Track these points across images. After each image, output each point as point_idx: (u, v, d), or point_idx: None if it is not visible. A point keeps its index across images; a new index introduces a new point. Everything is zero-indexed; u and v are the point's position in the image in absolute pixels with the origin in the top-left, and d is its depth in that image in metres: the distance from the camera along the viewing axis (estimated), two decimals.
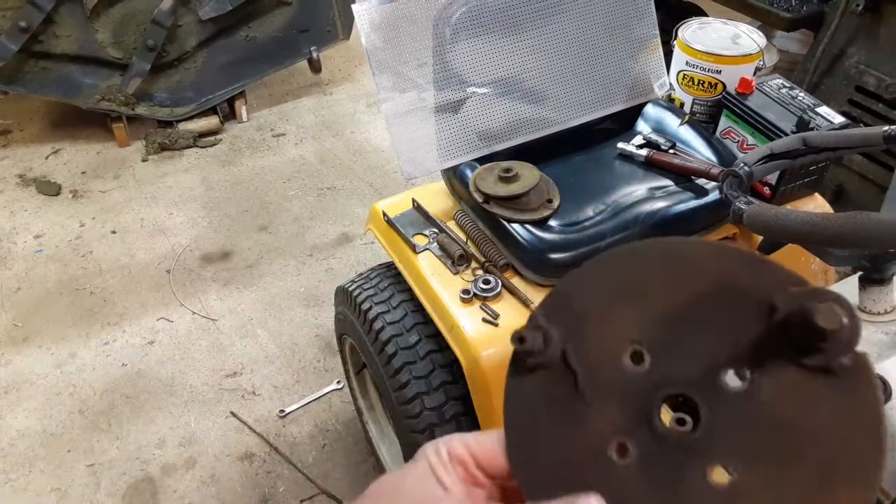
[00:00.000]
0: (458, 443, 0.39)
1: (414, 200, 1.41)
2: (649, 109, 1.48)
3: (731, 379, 0.34)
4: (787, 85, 1.37)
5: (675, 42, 1.47)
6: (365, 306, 1.39)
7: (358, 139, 3.07)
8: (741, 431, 0.33)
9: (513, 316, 1.18)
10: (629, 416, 0.35)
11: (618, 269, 0.38)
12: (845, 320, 0.31)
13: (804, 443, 0.32)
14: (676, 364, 0.35)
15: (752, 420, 0.33)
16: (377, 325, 1.35)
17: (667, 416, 0.35)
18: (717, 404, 0.34)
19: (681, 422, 0.34)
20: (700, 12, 2.30)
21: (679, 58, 1.46)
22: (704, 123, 1.46)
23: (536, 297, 1.22)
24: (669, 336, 0.36)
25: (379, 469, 1.73)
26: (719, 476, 0.32)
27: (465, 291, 1.22)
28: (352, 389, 1.77)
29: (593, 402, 0.36)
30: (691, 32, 1.46)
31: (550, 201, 1.26)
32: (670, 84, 1.48)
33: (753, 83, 1.35)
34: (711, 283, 0.35)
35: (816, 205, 1.39)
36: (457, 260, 1.27)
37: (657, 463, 0.34)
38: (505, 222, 1.24)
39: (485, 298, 1.21)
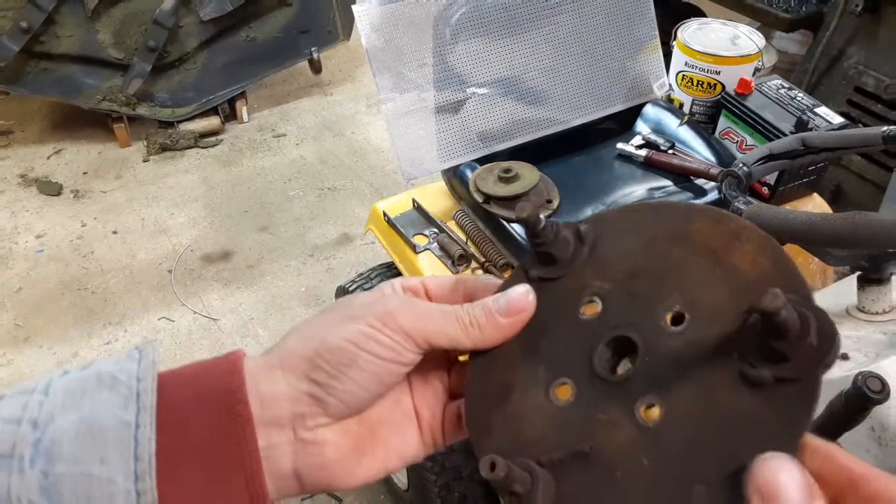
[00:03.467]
0: (412, 278, 0.42)
1: (414, 200, 1.41)
2: (648, 110, 1.48)
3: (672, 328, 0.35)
4: (786, 85, 1.38)
5: (674, 43, 1.47)
6: None
7: (358, 139, 3.07)
8: (671, 373, 0.34)
9: None
10: (574, 358, 0.37)
11: (629, 222, 0.40)
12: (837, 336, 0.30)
13: (717, 424, 0.31)
14: (626, 311, 0.37)
15: (681, 366, 0.33)
16: None
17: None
18: (655, 347, 0.35)
19: (614, 362, 0.36)
20: (699, 13, 2.30)
21: (678, 58, 1.46)
22: (703, 124, 1.46)
23: None
24: (629, 289, 0.37)
25: None
26: (648, 414, 0.33)
27: None
28: None
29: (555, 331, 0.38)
30: (690, 33, 1.46)
31: (550, 201, 1.27)
32: (669, 84, 1.49)
33: (752, 84, 1.35)
34: (700, 250, 0.36)
35: (815, 205, 1.40)
36: (457, 260, 1.27)
37: (591, 401, 0.35)
38: (505, 222, 1.25)
39: None
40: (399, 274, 1.40)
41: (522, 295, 0.39)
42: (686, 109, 1.49)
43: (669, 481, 0.31)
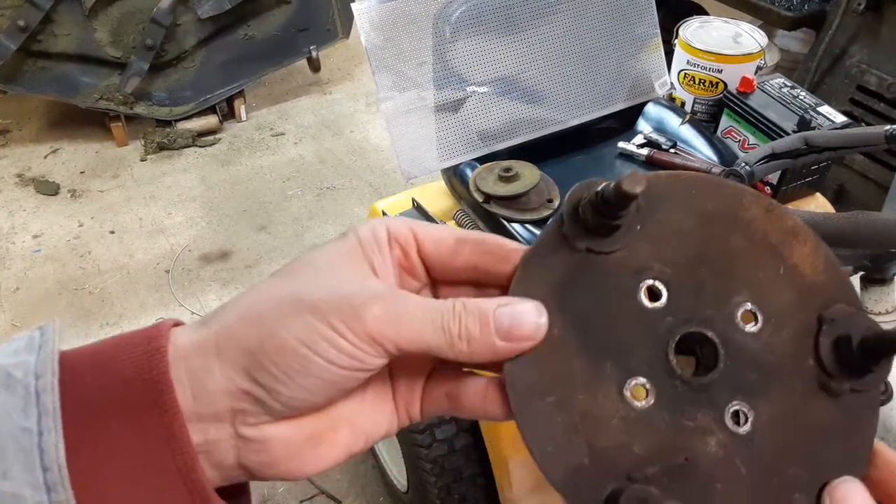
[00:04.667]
0: (401, 223, 0.34)
1: (414, 200, 1.40)
2: (650, 109, 1.47)
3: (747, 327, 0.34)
4: (789, 84, 1.37)
5: (676, 41, 1.46)
6: None
7: (357, 138, 3.06)
8: (754, 377, 0.33)
9: None
10: (645, 354, 0.33)
11: (679, 193, 0.35)
12: None
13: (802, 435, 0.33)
14: (695, 303, 0.34)
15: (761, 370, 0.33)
16: None
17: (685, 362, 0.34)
18: (733, 347, 0.33)
19: (690, 360, 0.34)
20: (701, 11, 2.29)
21: (680, 57, 1.45)
22: (705, 123, 1.45)
23: None
24: (694, 278, 0.34)
25: (379, 469, 1.73)
26: (738, 420, 0.33)
27: None
28: None
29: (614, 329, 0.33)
30: (692, 31, 1.46)
31: (551, 201, 1.26)
32: (671, 83, 1.48)
33: (755, 82, 1.35)
34: (760, 243, 0.35)
35: (818, 204, 1.39)
36: None
37: (674, 405, 0.32)
38: (505, 222, 1.24)
39: None
40: None
41: (532, 316, 0.31)
42: (688, 108, 1.48)
43: (769, 490, 0.31)
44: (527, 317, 0.31)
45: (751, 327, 0.33)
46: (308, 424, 0.32)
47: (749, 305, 0.33)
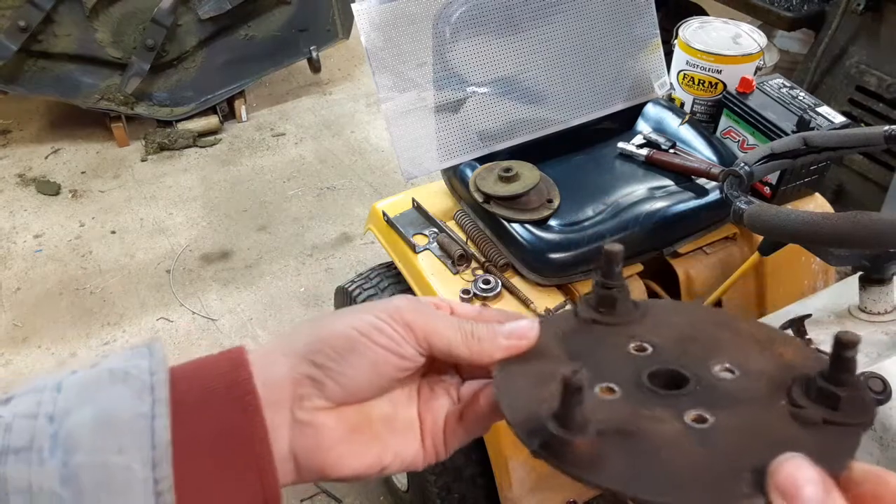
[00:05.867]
0: (441, 300, 0.43)
1: (414, 200, 1.40)
2: (649, 109, 1.48)
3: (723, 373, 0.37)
4: (788, 84, 1.37)
5: (675, 41, 1.47)
6: None
7: (357, 139, 3.06)
8: (722, 400, 0.35)
9: None
10: (620, 372, 0.37)
11: (675, 308, 0.43)
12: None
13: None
14: (676, 359, 0.38)
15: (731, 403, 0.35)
16: None
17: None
18: (706, 383, 0.36)
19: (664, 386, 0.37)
20: (701, 11, 2.29)
21: (679, 57, 1.46)
22: (705, 123, 1.46)
23: (536, 296, 1.22)
24: (681, 347, 0.39)
25: None
26: (697, 420, 0.34)
27: (465, 291, 1.22)
28: None
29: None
30: (692, 32, 1.46)
31: (550, 201, 1.26)
32: (671, 83, 1.48)
33: (754, 83, 1.35)
34: (746, 337, 0.39)
35: (817, 205, 1.39)
36: (457, 260, 1.27)
37: (638, 403, 0.35)
38: (505, 222, 1.24)
39: (485, 298, 1.21)
40: (399, 274, 1.39)
41: (528, 323, 0.40)
42: (687, 108, 1.49)
43: (716, 466, 0.31)
44: (523, 323, 0.40)
45: (726, 375, 0.36)
46: (352, 416, 0.38)
47: (727, 364, 0.37)
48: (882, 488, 0.28)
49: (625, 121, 1.48)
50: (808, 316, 1.01)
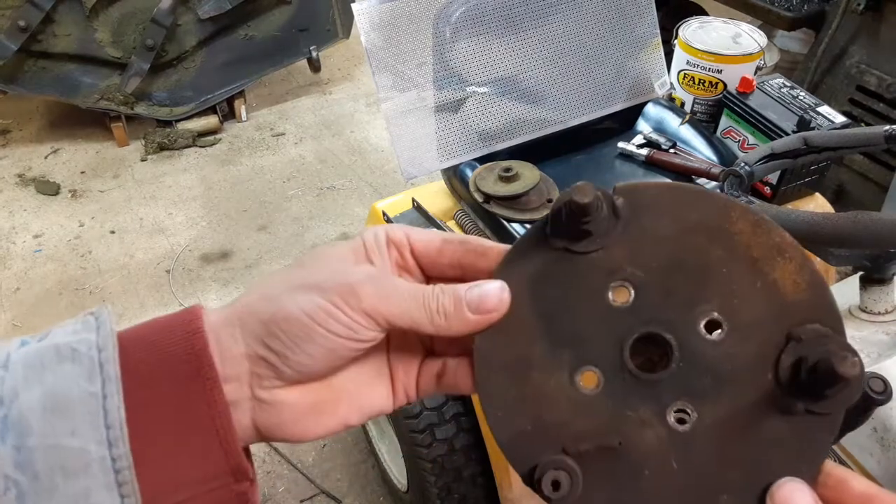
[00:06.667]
0: (398, 229, 0.40)
1: (414, 200, 1.40)
2: (650, 109, 1.48)
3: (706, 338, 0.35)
4: (788, 84, 1.37)
5: (675, 41, 1.47)
6: None
7: (357, 139, 3.06)
8: (705, 382, 0.34)
9: None
10: (601, 346, 0.35)
11: (665, 202, 0.36)
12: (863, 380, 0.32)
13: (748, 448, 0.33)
14: (660, 307, 0.35)
15: (717, 375, 0.34)
16: None
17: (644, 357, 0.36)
18: (690, 351, 0.34)
19: (648, 364, 0.35)
20: (701, 11, 2.29)
21: (680, 57, 1.46)
22: (705, 123, 1.46)
23: None
24: (665, 283, 0.35)
25: (379, 469, 1.73)
26: (680, 419, 0.34)
27: None
28: None
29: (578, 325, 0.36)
30: (692, 31, 1.46)
31: (551, 201, 1.26)
32: (671, 83, 1.48)
33: (754, 82, 1.35)
34: (741, 256, 0.35)
35: (817, 204, 1.39)
36: None
37: (620, 395, 0.34)
38: (505, 222, 1.24)
39: None
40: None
41: (496, 292, 0.36)
42: (687, 108, 1.49)
43: (697, 487, 0.32)
44: (492, 293, 0.36)
45: (712, 336, 0.34)
46: (313, 393, 0.37)
47: (715, 314, 0.34)
48: None
49: (625, 121, 1.48)
50: None
